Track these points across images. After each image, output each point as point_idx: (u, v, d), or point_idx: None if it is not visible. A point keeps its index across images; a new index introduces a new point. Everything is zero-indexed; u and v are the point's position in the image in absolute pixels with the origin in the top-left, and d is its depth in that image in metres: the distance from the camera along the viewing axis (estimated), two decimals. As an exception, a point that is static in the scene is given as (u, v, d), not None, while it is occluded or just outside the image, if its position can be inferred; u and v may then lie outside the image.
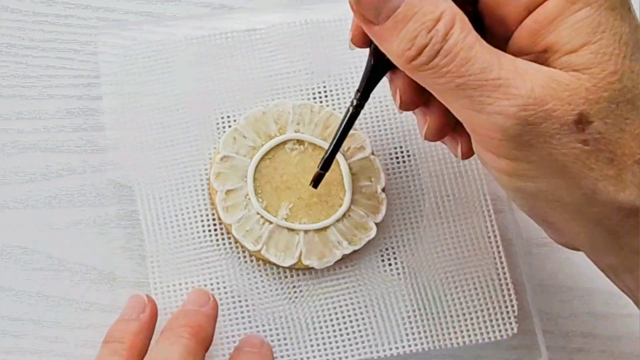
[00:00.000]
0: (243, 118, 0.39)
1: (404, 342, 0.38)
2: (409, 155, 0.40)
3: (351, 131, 0.38)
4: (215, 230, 0.39)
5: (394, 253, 0.39)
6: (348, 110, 0.34)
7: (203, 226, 0.39)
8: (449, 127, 0.32)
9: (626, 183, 0.27)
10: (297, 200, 0.38)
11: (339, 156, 0.38)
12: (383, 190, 0.39)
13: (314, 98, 0.41)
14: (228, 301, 0.38)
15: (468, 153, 0.32)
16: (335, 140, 0.35)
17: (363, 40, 0.32)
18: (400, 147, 0.40)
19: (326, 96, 0.41)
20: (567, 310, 0.41)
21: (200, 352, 0.34)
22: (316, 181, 0.37)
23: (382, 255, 0.39)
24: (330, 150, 0.36)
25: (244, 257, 0.39)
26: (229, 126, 0.40)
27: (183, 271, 0.38)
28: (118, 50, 0.41)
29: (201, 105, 0.40)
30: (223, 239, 0.39)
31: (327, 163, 0.36)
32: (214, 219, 0.39)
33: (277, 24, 0.41)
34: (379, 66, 0.32)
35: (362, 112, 0.35)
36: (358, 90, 0.34)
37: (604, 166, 0.27)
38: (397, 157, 0.40)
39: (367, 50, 0.33)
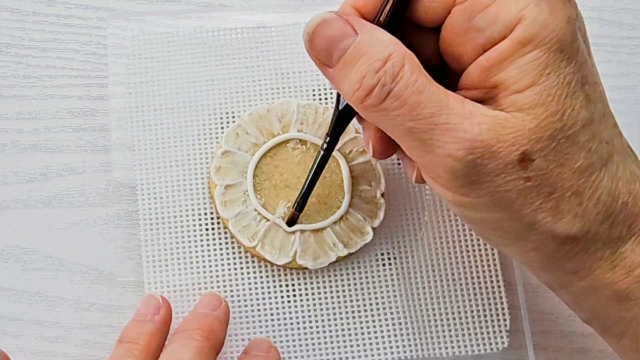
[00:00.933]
0: (247, 114, 0.39)
1: (393, 348, 0.38)
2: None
3: (353, 134, 0.38)
4: (212, 225, 0.39)
5: (389, 259, 0.39)
6: (318, 153, 0.35)
7: (200, 221, 0.39)
8: None
9: (563, 213, 0.29)
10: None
11: (340, 158, 0.38)
12: (382, 195, 0.39)
13: (319, 99, 0.41)
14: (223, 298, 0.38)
15: (422, 181, 0.33)
16: (307, 183, 0.36)
17: None
18: None
19: (332, 98, 0.41)
20: (567, 311, 0.40)
21: (212, 354, 0.34)
22: (290, 221, 0.38)
23: (377, 260, 0.39)
24: (303, 191, 0.36)
25: (239, 253, 0.39)
26: (233, 122, 0.40)
27: (177, 266, 0.38)
28: (125, 42, 0.41)
29: (205, 102, 0.40)
30: (219, 235, 0.39)
31: (301, 204, 0.37)
32: (212, 215, 0.39)
33: (287, 24, 0.41)
34: (345, 111, 0.33)
35: None
36: (327, 134, 0.34)
37: (543, 199, 0.28)
38: (398, 160, 0.40)
39: None
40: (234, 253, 0.39)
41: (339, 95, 0.33)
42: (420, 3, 0.30)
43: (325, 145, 0.35)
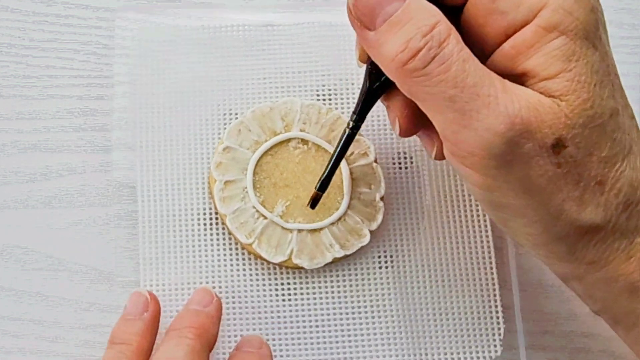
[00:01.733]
0: (250, 112, 0.39)
1: (386, 352, 0.38)
2: (411, 162, 0.40)
3: (356, 136, 0.38)
4: (211, 222, 0.39)
5: (385, 262, 0.39)
6: (344, 131, 0.35)
7: (199, 218, 0.39)
8: None
9: (587, 203, 0.29)
10: (295, 198, 0.38)
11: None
12: (382, 199, 0.39)
13: (323, 100, 0.40)
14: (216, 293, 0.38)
15: (442, 157, 0.32)
16: (332, 162, 0.36)
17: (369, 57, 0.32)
18: (404, 152, 0.40)
19: (335, 99, 0.41)
20: (567, 311, 0.41)
21: (205, 352, 0.34)
22: (313, 202, 0.37)
23: (373, 263, 0.39)
24: (327, 171, 0.36)
25: (236, 250, 0.39)
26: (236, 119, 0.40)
27: (173, 261, 0.38)
28: (126, 42, 0.41)
29: (209, 100, 0.40)
30: (217, 231, 0.39)
31: (324, 184, 0.36)
32: (210, 211, 0.39)
33: (291, 23, 0.41)
34: (375, 87, 0.33)
35: (369, 115, 0.35)
36: (354, 112, 0.34)
37: (571, 188, 0.28)
38: (399, 164, 0.40)
39: None
40: (230, 250, 0.39)
41: (369, 72, 0.33)
42: None
43: (351, 124, 0.34)
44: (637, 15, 0.45)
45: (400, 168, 0.40)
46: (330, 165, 0.36)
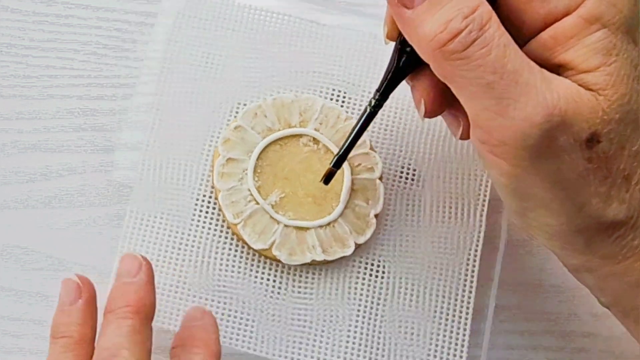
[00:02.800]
0: (271, 98, 0.39)
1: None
2: (412, 179, 0.40)
3: (367, 150, 0.38)
4: (204, 197, 0.39)
5: (363, 276, 0.39)
6: (365, 109, 0.34)
7: (194, 191, 0.39)
8: None
9: (612, 199, 0.28)
10: (291, 193, 0.38)
11: (346, 168, 0.38)
12: (376, 216, 0.39)
13: (346, 108, 0.40)
14: (191, 264, 0.38)
15: (467, 137, 0.31)
16: (350, 138, 0.35)
17: (399, 34, 0.31)
18: (409, 166, 0.40)
19: (355, 112, 0.40)
20: (567, 310, 0.41)
21: (146, 327, 0.33)
22: (327, 178, 0.36)
23: (351, 273, 0.39)
24: (344, 147, 0.35)
25: (222, 228, 0.39)
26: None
27: (157, 227, 0.39)
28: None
29: (234, 79, 0.40)
30: (208, 207, 0.39)
31: (339, 160, 0.36)
32: (207, 185, 0.39)
33: (336, 25, 0.41)
34: (403, 64, 0.32)
35: (379, 126, 0.34)
36: (377, 90, 0.33)
37: (598, 183, 0.28)
38: (406, 178, 0.40)
39: None
40: (216, 227, 0.39)
41: (398, 50, 0.32)
42: None
43: (373, 102, 0.34)
44: None
45: (405, 183, 0.40)
46: (348, 142, 0.35)
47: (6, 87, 0.42)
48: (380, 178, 0.39)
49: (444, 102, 0.31)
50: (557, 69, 0.28)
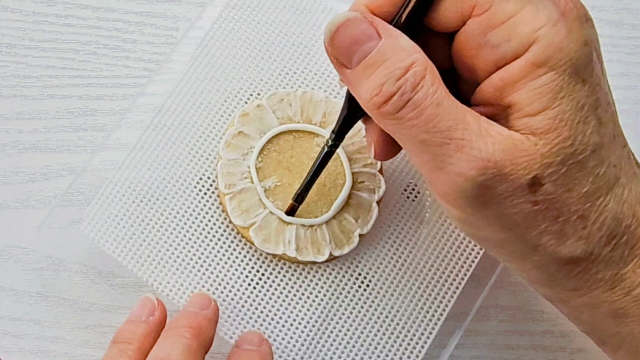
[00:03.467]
0: (301, 91, 0.40)
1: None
2: (415, 197, 0.39)
3: (376, 172, 0.38)
4: (206, 191, 0.39)
5: (334, 279, 0.38)
6: (323, 149, 0.35)
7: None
8: None
9: (567, 236, 0.29)
10: (287, 184, 0.38)
11: (347, 180, 0.38)
12: (360, 235, 0.38)
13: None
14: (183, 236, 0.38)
15: (382, 158, 0.33)
16: (309, 176, 0.36)
17: None
18: (414, 184, 0.40)
19: None
20: (567, 310, 0.41)
21: (200, 352, 0.34)
22: (290, 212, 0.38)
23: (322, 275, 0.38)
24: (304, 185, 0.36)
25: (212, 194, 0.39)
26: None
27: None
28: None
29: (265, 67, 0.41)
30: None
31: (301, 197, 0.37)
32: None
33: None
34: (353, 111, 0.33)
35: None
36: (333, 131, 0.34)
37: (549, 223, 0.28)
38: (409, 194, 0.39)
39: None
40: (206, 193, 0.39)
41: (348, 95, 0.33)
42: (437, 10, 0.29)
43: (330, 142, 0.35)
44: (637, 15, 0.45)
45: (407, 198, 0.39)
46: (307, 180, 0.36)
47: (6, 87, 0.42)
48: (378, 202, 0.39)
49: (392, 148, 0.32)
50: (507, 109, 0.28)
